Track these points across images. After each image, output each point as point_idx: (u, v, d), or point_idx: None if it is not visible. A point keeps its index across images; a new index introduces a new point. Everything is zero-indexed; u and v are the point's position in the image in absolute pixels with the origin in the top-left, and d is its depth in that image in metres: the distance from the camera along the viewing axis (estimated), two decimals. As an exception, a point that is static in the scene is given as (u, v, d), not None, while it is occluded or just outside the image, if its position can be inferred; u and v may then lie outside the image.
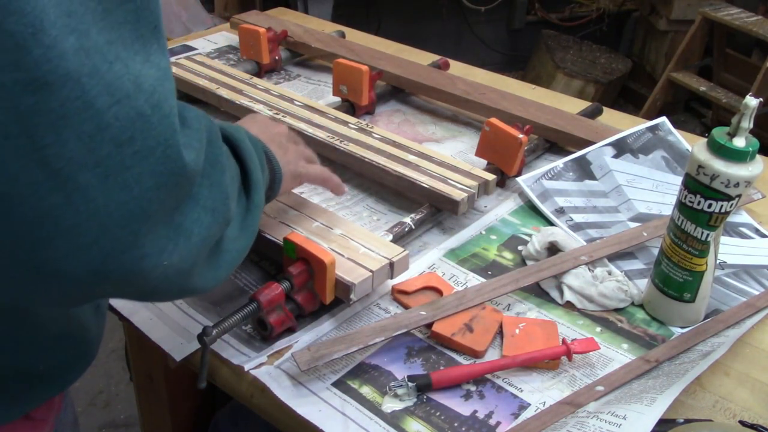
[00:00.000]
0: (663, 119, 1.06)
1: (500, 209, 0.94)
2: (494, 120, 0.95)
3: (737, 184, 0.67)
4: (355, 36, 1.47)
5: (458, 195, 0.86)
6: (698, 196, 0.70)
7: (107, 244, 0.39)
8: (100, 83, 0.37)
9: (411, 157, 0.94)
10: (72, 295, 0.42)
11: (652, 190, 0.96)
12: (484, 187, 0.90)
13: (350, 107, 1.13)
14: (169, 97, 0.41)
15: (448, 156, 0.96)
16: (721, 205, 0.69)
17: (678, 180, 0.94)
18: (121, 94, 0.38)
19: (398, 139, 0.98)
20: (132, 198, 0.39)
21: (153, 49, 0.41)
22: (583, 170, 0.98)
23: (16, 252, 0.38)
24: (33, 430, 0.57)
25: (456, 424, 0.64)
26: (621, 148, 1.00)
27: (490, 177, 0.90)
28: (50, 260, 0.38)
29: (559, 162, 0.98)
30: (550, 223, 0.91)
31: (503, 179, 0.97)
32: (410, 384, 0.66)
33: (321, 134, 0.98)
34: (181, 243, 0.43)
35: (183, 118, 0.44)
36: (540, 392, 0.68)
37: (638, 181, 0.97)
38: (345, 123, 1.01)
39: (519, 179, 0.96)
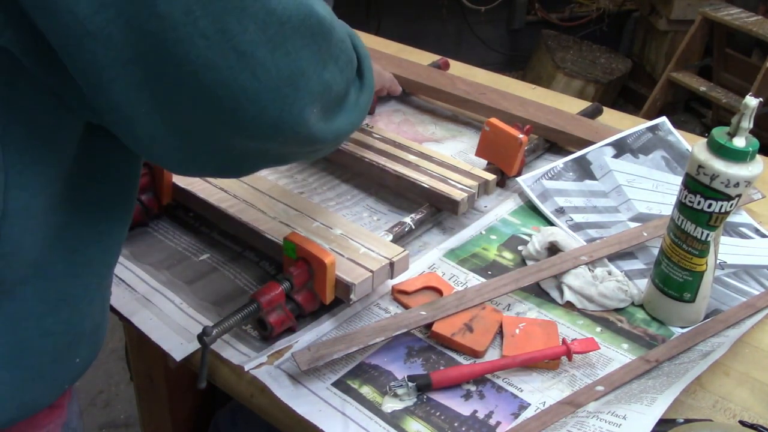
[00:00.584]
0: (663, 119, 1.06)
1: (500, 209, 0.94)
2: (494, 120, 0.95)
3: (737, 184, 0.67)
4: (355, 36, 1.46)
5: (458, 195, 0.86)
6: (698, 196, 0.70)
7: (281, 100, 0.48)
8: None
9: (411, 157, 0.94)
10: (258, 142, 0.51)
11: (652, 190, 0.96)
12: (484, 187, 0.90)
13: (350, 107, 1.13)
14: None
15: (448, 156, 0.96)
16: (721, 205, 0.69)
17: (678, 180, 0.94)
18: None
19: (398, 139, 0.98)
20: (291, 61, 0.47)
21: None
22: (583, 170, 0.98)
23: (220, 121, 0.47)
24: (50, 417, 0.59)
25: (456, 424, 0.64)
26: (621, 148, 1.00)
27: (490, 177, 0.90)
28: (244, 122, 0.47)
29: (559, 162, 0.98)
30: (550, 223, 0.91)
31: (503, 179, 0.97)
32: (410, 384, 0.66)
33: (321, 134, 0.98)
34: (325, 94, 0.52)
35: None
36: (540, 392, 0.68)
37: (638, 181, 0.97)
38: (345, 123, 1.01)
39: (519, 179, 0.96)
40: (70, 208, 0.52)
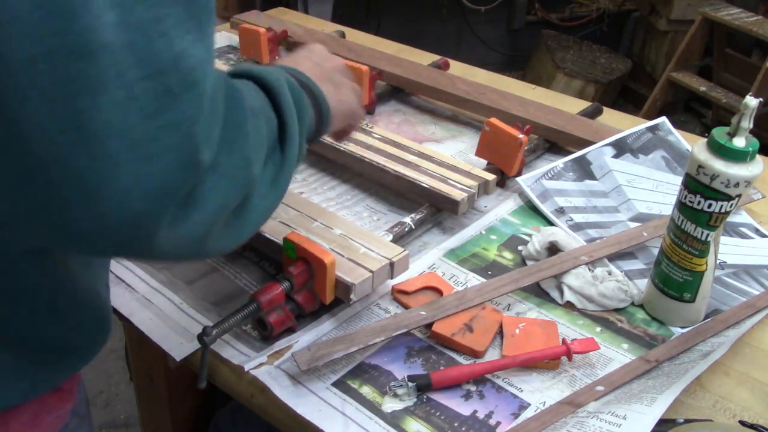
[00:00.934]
0: (663, 119, 1.06)
1: (500, 209, 0.94)
2: (494, 120, 0.95)
3: (737, 184, 0.67)
4: (355, 36, 1.47)
5: (458, 195, 0.86)
6: (698, 196, 0.70)
7: (125, 213, 0.40)
8: (135, 55, 0.38)
9: (411, 157, 0.94)
10: (90, 252, 0.46)
11: (652, 190, 0.96)
12: (484, 187, 0.90)
13: (350, 107, 1.13)
14: (206, 80, 0.42)
15: (448, 156, 0.96)
16: (721, 205, 0.69)
17: (678, 180, 0.94)
18: (152, 69, 0.39)
19: (398, 139, 0.98)
20: (153, 170, 0.40)
21: (207, 31, 0.43)
22: (583, 170, 0.98)
23: (44, 209, 0.40)
24: (60, 402, 0.59)
25: (456, 424, 0.64)
26: (621, 148, 1.00)
27: (490, 177, 0.90)
28: (72, 221, 0.40)
29: (559, 162, 0.98)
30: (550, 223, 0.91)
31: (503, 179, 0.97)
32: (410, 384, 0.66)
33: (321, 134, 0.98)
34: (196, 212, 0.44)
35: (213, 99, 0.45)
36: (540, 392, 0.68)
37: (638, 181, 0.97)
38: (345, 123, 1.01)
39: (519, 179, 0.96)
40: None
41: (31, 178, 0.39)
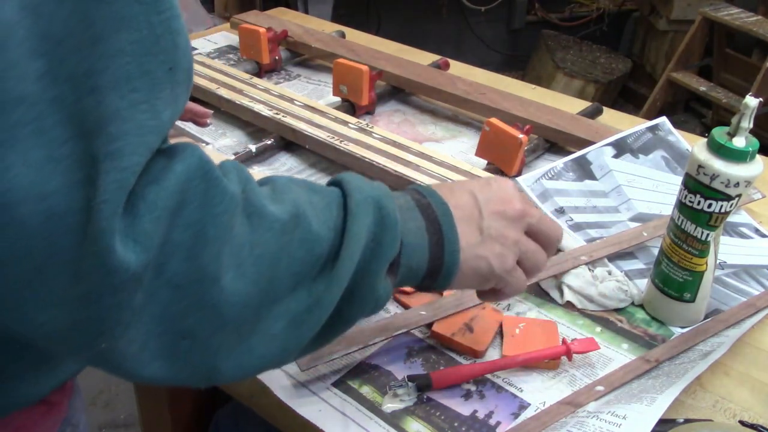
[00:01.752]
0: (663, 119, 1.06)
1: (500, 209, 0.94)
2: (494, 120, 0.95)
3: (737, 184, 0.67)
4: (355, 36, 1.47)
5: (458, 195, 0.86)
6: (698, 196, 0.70)
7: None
8: (62, 113, 0.33)
9: (411, 157, 0.94)
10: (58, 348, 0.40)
11: (652, 190, 0.96)
12: (484, 187, 0.90)
13: (350, 107, 1.13)
14: (142, 153, 0.35)
15: (448, 156, 0.96)
16: (721, 205, 0.69)
17: (678, 180, 0.94)
18: (82, 128, 0.33)
19: (398, 139, 0.98)
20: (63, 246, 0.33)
21: (163, 94, 0.36)
22: (583, 170, 0.98)
23: None
24: (48, 414, 0.57)
25: (456, 424, 0.64)
26: (621, 148, 1.00)
27: (490, 177, 0.90)
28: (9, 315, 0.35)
29: (559, 162, 0.98)
30: (550, 223, 0.91)
31: (503, 179, 0.97)
32: (410, 384, 0.66)
33: (321, 134, 0.98)
34: (132, 328, 0.37)
35: (133, 204, 0.36)
36: (540, 392, 0.68)
37: (638, 181, 0.97)
38: (345, 123, 1.01)
39: (519, 179, 0.96)
40: None
41: None
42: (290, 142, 1.03)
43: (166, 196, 0.36)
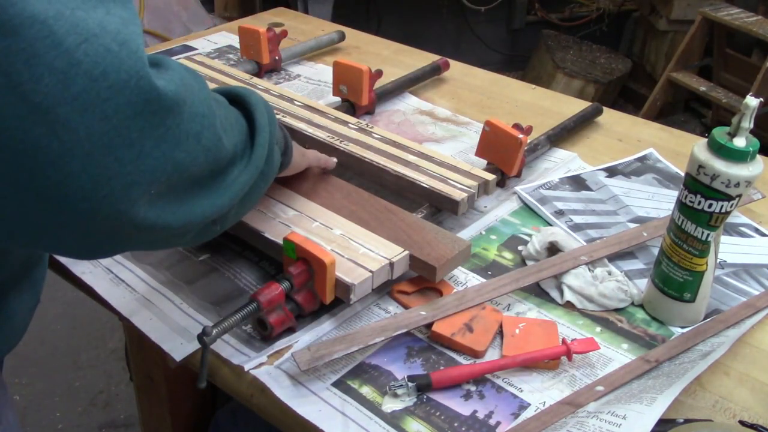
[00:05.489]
0: (650, 150, 1.08)
1: (500, 209, 0.94)
2: (494, 120, 0.95)
3: (738, 184, 0.67)
4: (355, 36, 1.47)
5: (458, 195, 0.86)
6: (698, 196, 0.70)
7: (95, 170, 0.42)
8: (67, 24, 0.40)
9: (411, 157, 0.94)
10: (76, 229, 0.45)
11: (648, 199, 0.97)
12: (483, 187, 0.90)
13: (350, 107, 1.13)
14: (136, 38, 0.43)
15: (448, 156, 0.96)
16: (722, 205, 0.69)
17: (673, 193, 0.94)
18: (87, 33, 0.40)
19: (398, 139, 0.98)
20: (112, 127, 0.42)
21: (111, 5, 0.43)
22: (579, 184, 0.99)
23: (19, 182, 0.41)
24: None
25: (456, 424, 0.64)
26: (612, 172, 1.03)
27: (490, 177, 0.90)
28: (46, 187, 0.41)
29: (555, 177, 0.99)
30: (550, 224, 0.91)
31: (503, 179, 0.97)
32: (410, 384, 0.66)
33: (321, 134, 0.98)
34: (174, 176, 0.46)
35: (157, 62, 0.48)
36: (540, 392, 0.68)
37: (634, 192, 0.99)
38: (345, 123, 1.01)
39: (517, 188, 0.96)
40: None
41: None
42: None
43: (175, 65, 0.48)
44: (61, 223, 0.44)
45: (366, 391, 0.67)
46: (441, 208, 0.89)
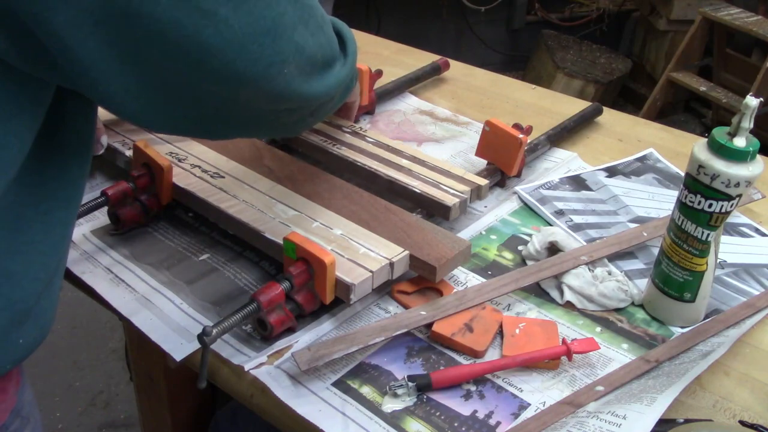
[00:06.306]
0: (650, 150, 1.08)
1: (500, 209, 0.94)
2: (494, 120, 0.95)
3: (738, 184, 0.67)
4: (355, 36, 1.46)
5: (450, 200, 0.86)
6: (698, 196, 0.70)
7: (246, 55, 0.51)
8: None
9: (404, 162, 0.93)
10: (227, 91, 0.54)
11: (648, 199, 0.97)
12: (477, 192, 0.90)
13: (350, 107, 1.12)
14: None
15: (441, 160, 0.95)
16: (722, 205, 0.69)
17: (673, 193, 0.94)
18: None
19: (391, 143, 0.97)
20: (255, 19, 0.50)
21: None
22: (579, 184, 0.99)
23: (189, 73, 0.51)
24: None
25: (456, 424, 0.64)
26: (612, 172, 1.03)
27: (483, 182, 0.90)
28: (211, 73, 0.51)
29: (555, 177, 0.99)
30: (550, 224, 0.91)
31: (503, 179, 0.97)
32: (410, 384, 0.66)
33: (314, 138, 0.98)
34: (296, 55, 0.55)
35: None
36: (540, 392, 0.68)
37: (634, 192, 0.99)
38: (338, 127, 1.01)
39: (517, 188, 0.96)
40: (14, 186, 0.52)
41: (174, 54, 0.48)
42: (283, 145, 1.02)
43: None
44: (226, 99, 0.54)
45: (366, 391, 0.67)
46: (433, 213, 0.88)
